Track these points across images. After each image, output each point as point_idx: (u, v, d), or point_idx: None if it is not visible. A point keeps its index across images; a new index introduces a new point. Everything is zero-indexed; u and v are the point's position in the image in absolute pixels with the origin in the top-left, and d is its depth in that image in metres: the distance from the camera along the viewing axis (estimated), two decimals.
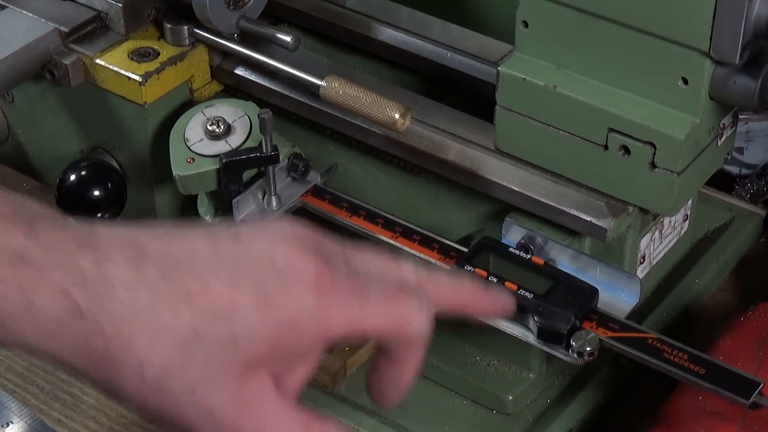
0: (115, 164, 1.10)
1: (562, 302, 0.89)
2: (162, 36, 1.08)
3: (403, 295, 0.72)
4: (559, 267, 0.92)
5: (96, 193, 1.07)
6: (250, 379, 0.70)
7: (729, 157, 1.04)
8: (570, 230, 0.95)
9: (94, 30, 1.08)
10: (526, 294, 0.89)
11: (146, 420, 0.73)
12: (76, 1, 1.09)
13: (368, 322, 0.71)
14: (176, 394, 0.69)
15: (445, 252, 0.94)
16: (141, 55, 1.06)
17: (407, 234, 0.96)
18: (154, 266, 0.69)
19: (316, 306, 0.70)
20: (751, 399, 0.84)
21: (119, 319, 0.68)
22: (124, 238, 0.71)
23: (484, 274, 0.90)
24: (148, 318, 0.68)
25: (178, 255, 0.70)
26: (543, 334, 0.89)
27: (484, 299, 0.79)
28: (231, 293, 0.69)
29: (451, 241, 0.95)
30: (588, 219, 0.93)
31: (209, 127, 1.01)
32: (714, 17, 0.83)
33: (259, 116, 0.98)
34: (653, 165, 0.90)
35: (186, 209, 1.09)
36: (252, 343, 0.69)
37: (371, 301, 0.71)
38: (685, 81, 0.87)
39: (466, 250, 0.93)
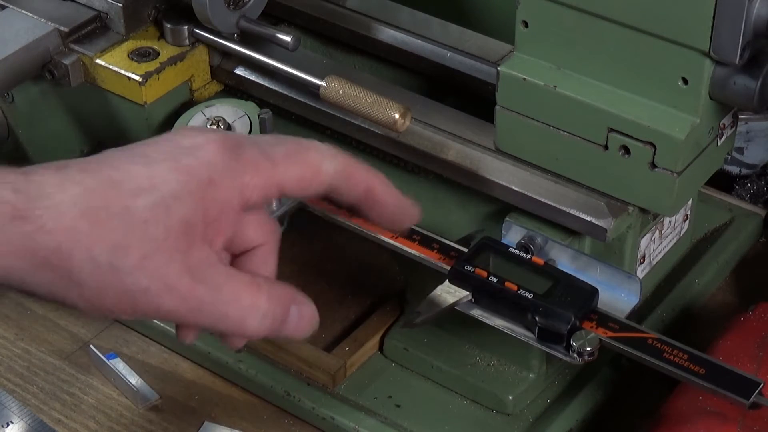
0: None
1: (562, 302, 0.89)
2: (162, 36, 1.08)
3: (304, 147, 0.79)
4: (559, 267, 0.92)
5: None
6: (194, 247, 0.75)
7: (729, 157, 1.03)
8: (570, 230, 0.95)
9: (94, 30, 1.08)
10: (526, 294, 0.89)
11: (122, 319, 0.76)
12: (76, 1, 1.09)
13: (282, 174, 0.77)
14: (130, 269, 0.73)
15: (445, 252, 0.94)
16: (141, 55, 1.06)
17: (407, 234, 0.96)
18: (75, 167, 0.75)
19: (228, 163, 0.76)
20: (751, 399, 0.84)
21: (56, 211, 0.73)
22: (43, 163, 0.77)
23: (484, 274, 0.90)
24: (82, 205, 0.73)
25: (95, 158, 0.76)
26: (543, 334, 0.89)
27: (385, 186, 0.82)
28: (148, 170, 0.75)
29: (451, 241, 0.95)
30: (588, 219, 0.93)
31: (209, 127, 1.01)
32: (714, 17, 0.83)
33: (259, 116, 0.98)
34: (653, 165, 0.90)
35: None
36: (179, 204, 0.74)
37: (279, 158, 0.77)
38: (685, 81, 0.87)
39: (466, 250, 0.93)
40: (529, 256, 0.92)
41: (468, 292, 0.91)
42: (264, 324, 0.77)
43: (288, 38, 1.04)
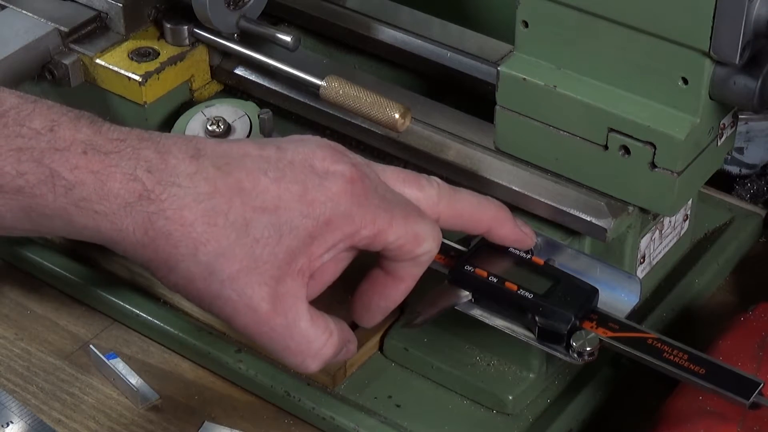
0: None
1: (562, 302, 0.89)
2: (162, 36, 1.08)
3: (421, 217, 0.82)
4: (559, 267, 0.92)
5: None
6: (288, 277, 0.78)
7: (729, 157, 1.04)
8: (570, 230, 0.95)
9: (94, 30, 1.08)
10: (526, 294, 0.89)
11: (192, 302, 0.81)
12: (76, 1, 1.09)
13: (391, 232, 0.80)
14: (222, 277, 0.77)
15: (445, 252, 0.94)
16: (141, 55, 1.06)
17: None
18: (210, 161, 0.78)
19: (349, 206, 0.79)
20: (751, 399, 0.84)
21: (181, 203, 0.76)
22: (180, 138, 0.79)
23: (484, 274, 0.90)
24: (207, 205, 0.76)
25: (230, 153, 0.79)
26: (543, 334, 0.89)
27: (504, 225, 0.88)
28: (278, 189, 0.78)
29: (451, 241, 0.95)
30: (588, 219, 0.93)
31: (209, 127, 1.02)
32: (714, 17, 0.83)
33: (259, 116, 0.98)
34: (653, 165, 0.90)
35: None
36: (293, 235, 0.77)
37: (396, 216, 0.80)
38: (685, 81, 0.87)
39: (466, 249, 0.93)
40: (529, 256, 0.92)
41: (468, 292, 0.91)
42: (320, 366, 0.82)
43: (288, 38, 1.04)
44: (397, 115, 0.98)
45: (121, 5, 1.07)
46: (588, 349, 0.87)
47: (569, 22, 0.89)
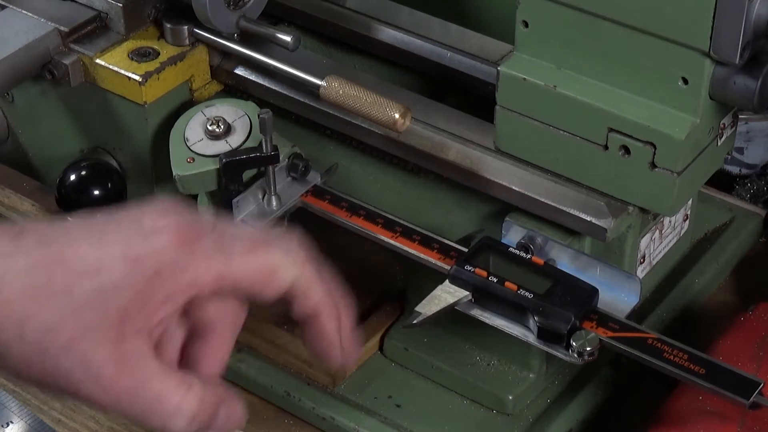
0: (115, 164, 1.10)
1: (562, 302, 0.89)
2: (162, 36, 1.08)
3: (267, 245, 0.76)
4: (559, 267, 0.92)
5: (96, 193, 1.07)
6: (128, 337, 0.73)
7: (729, 157, 1.03)
8: (570, 230, 0.95)
9: (94, 30, 1.08)
10: (526, 294, 0.89)
11: (38, 388, 0.77)
12: (76, 1, 1.09)
13: (235, 271, 0.74)
14: (56, 350, 0.72)
15: (445, 252, 0.94)
16: (141, 55, 1.06)
17: (407, 234, 0.96)
18: (32, 238, 0.74)
19: (178, 256, 0.74)
20: (751, 399, 0.84)
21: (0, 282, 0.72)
22: (7, 223, 0.77)
23: (484, 274, 0.90)
24: (25, 279, 0.72)
25: (55, 229, 0.75)
26: (543, 334, 0.89)
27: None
28: (98, 252, 0.73)
29: (451, 241, 0.95)
30: (588, 219, 0.93)
31: (209, 127, 1.01)
32: (714, 17, 0.83)
33: (259, 116, 0.98)
34: (653, 165, 0.90)
35: None
36: (119, 294, 0.73)
37: (236, 253, 0.75)
38: (685, 81, 0.87)
39: (466, 250, 0.93)
40: (529, 256, 0.92)
41: (468, 292, 0.91)
42: (191, 426, 0.75)
43: (288, 38, 1.04)
44: (397, 115, 0.98)
45: (121, 5, 1.07)
46: (588, 349, 0.87)
47: (569, 22, 0.89)
